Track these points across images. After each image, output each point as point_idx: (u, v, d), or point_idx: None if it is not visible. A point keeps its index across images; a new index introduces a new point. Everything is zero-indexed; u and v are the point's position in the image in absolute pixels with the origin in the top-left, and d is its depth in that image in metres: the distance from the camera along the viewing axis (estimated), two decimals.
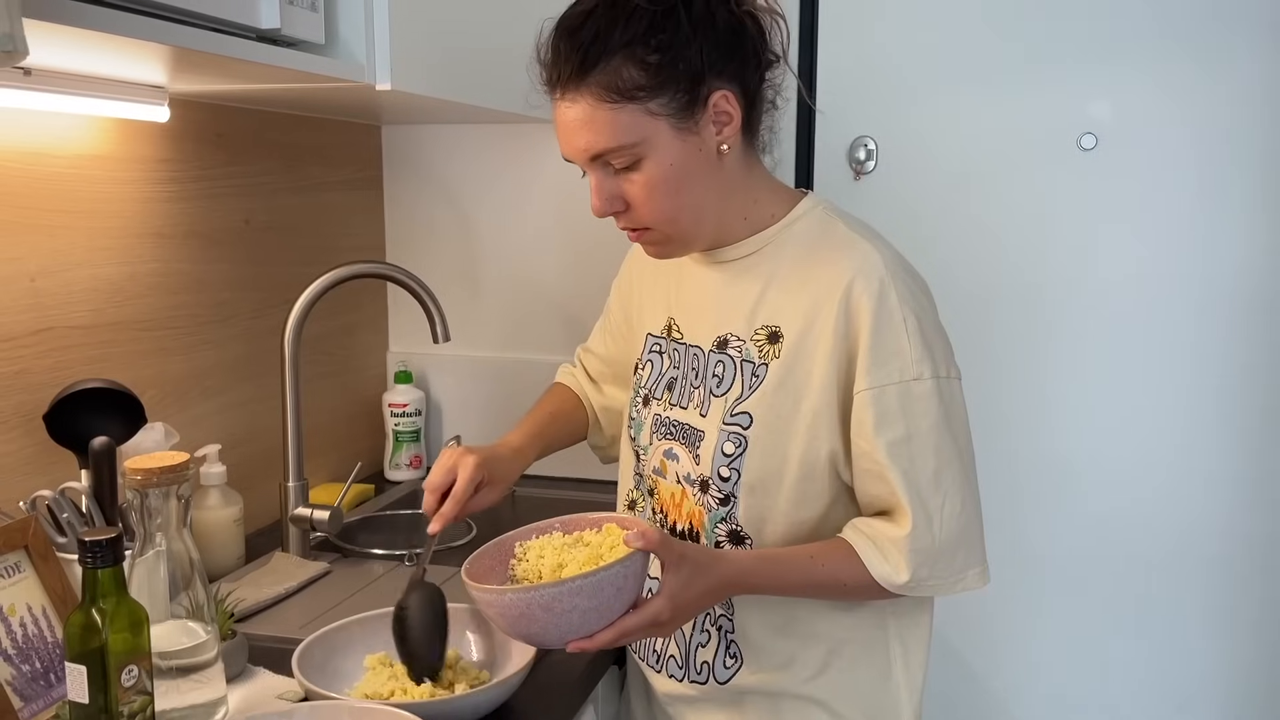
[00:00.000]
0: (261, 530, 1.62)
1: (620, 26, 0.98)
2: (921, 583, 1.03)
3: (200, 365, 1.54)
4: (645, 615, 0.97)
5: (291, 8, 1.11)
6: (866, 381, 1.02)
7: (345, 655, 1.13)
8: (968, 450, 1.07)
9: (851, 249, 1.06)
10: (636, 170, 1.01)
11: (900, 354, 1.02)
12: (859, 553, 1.04)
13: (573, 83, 0.99)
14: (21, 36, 0.71)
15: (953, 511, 1.04)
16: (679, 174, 1.02)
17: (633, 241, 1.11)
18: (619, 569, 0.94)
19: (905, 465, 1.02)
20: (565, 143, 1.04)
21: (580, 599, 0.93)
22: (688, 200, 1.04)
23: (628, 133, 0.99)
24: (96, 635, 0.87)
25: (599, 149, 1.00)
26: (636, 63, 0.98)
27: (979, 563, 1.07)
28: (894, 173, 1.94)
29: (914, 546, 1.02)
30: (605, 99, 0.98)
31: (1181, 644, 1.89)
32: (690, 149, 1.02)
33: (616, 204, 1.04)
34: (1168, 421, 1.85)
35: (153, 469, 0.96)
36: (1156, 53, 1.78)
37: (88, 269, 1.33)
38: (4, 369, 1.21)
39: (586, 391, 1.37)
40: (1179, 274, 1.82)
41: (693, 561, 1.00)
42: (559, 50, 1.01)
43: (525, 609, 0.94)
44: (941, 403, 1.03)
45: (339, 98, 1.48)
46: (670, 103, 0.99)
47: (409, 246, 2.03)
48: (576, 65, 0.99)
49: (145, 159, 1.42)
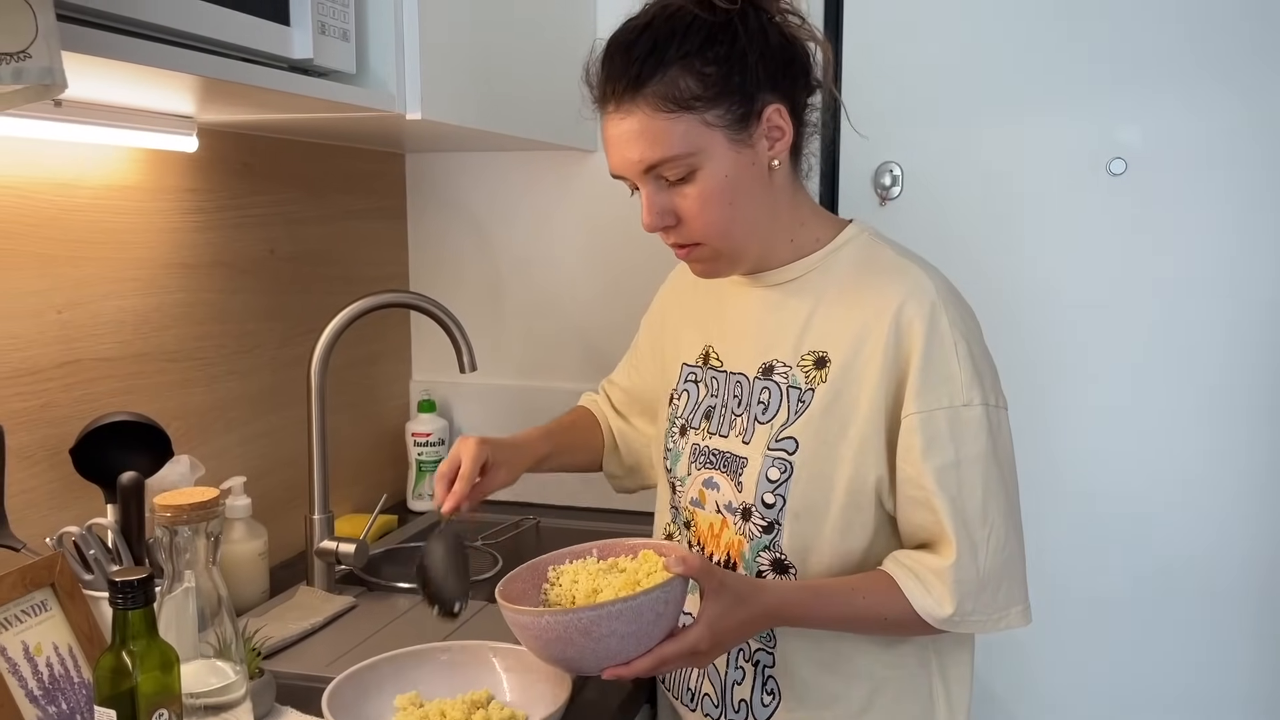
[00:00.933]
0: (286, 562, 1.61)
1: (678, 38, 0.98)
2: (966, 617, 1.01)
3: (225, 396, 1.52)
4: (685, 643, 0.95)
5: (324, 38, 1.11)
6: (916, 405, 1.01)
7: (376, 694, 1.10)
8: (1013, 483, 1.05)
9: (902, 274, 1.06)
10: (690, 183, 1.01)
11: (951, 379, 1.01)
12: (900, 585, 1.01)
13: (628, 94, 0.99)
14: (60, 70, 0.71)
15: (998, 544, 1.01)
16: (733, 186, 1.01)
17: (681, 259, 1.10)
18: (659, 594, 0.92)
19: (953, 492, 1.00)
20: (618, 156, 1.03)
21: (619, 624, 0.91)
22: (740, 214, 1.03)
23: (684, 142, 0.99)
24: (127, 678, 0.85)
25: (654, 159, 1.00)
26: (694, 73, 0.98)
27: (1021, 600, 1.05)
28: (920, 198, 1.92)
29: (958, 577, 1.00)
30: (662, 109, 0.98)
31: (1217, 667, 1.86)
32: (744, 162, 1.01)
33: (668, 218, 1.03)
34: (1200, 445, 1.83)
35: (183, 505, 0.94)
36: (1185, 77, 1.77)
37: (114, 300, 1.32)
38: (30, 402, 1.20)
39: (608, 417, 1.36)
40: (1209, 299, 1.80)
41: (733, 590, 0.98)
42: (614, 63, 1.01)
43: (563, 632, 0.92)
44: (990, 431, 1.02)
45: (366, 127, 1.48)
46: (726, 114, 0.99)
47: (433, 275, 2.02)
48: (633, 77, 0.98)
49: (172, 189, 1.41)
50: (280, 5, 1.05)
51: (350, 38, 1.17)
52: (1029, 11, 1.82)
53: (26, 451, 1.19)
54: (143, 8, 0.87)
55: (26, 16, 0.69)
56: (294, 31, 1.07)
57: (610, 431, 1.35)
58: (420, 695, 1.11)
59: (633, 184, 1.05)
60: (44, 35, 0.69)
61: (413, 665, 1.14)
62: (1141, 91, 1.79)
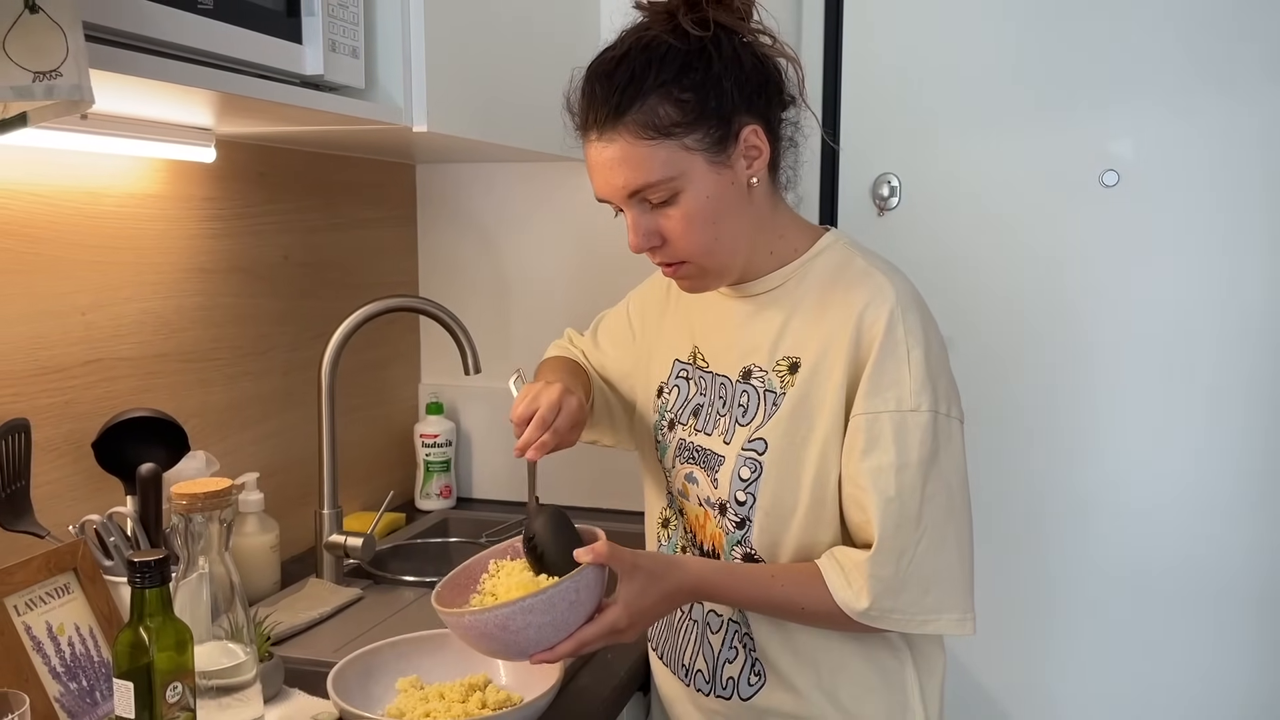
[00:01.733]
0: (297, 556, 1.67)
1: (655, 68, 1.03)
2: (885, 614, 1.04)
3: (240, 396, 1.59)
4: (603, 624, 1.01)
5: (334, 55, 1.17)
6: (863, 406, 1.05)
7: (378, 677, 1.16)
8: (960, 492, 1.07)
9: (867, 280, 1.09)
10: (673, 205, 1.05)
11: (900, 383, 1.04)
12: (824, 575, 1.05)
13: (609, 123, 1.03)
14: (89, 87, 0.77)
15: (930, 549, 1.04)
16: (715, 206, 1.06)
17: (668, 276, 1.14)
18: (569, 585, 0.98)
19: (889, 494, 1.03)
20: (602, 182, 1.07)
21: (533, 616, 0.97)
22: (723, 232, 1.07)
23: (665, 168, 1.03)
24: (144, 653, 0.90)
25: (637, 185, 1.04)
26: (671, 100, 1.02)
27: (958, 609, 1.06)
28: (917, 209, 1.96)
29: (874, 572, 1.03)
30: (643, 136, 1.03)
31: (1211, 677, 1.88)
32: (724, 182, 1.06)
33: (654, 239, 1.08)
34: (1196, 450, 1.86)
35: (198, 494, 1.00)
36: (1178, 89, 1.81)
37: (136, 303, 1.38)
38: (55, 399, 1.26)
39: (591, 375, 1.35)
40: (1203, 309, 1.83)
41: (646, 570, 1.03)
42: (594, 93, 1.05)
43: (484, 629, 0.99)
44: (936, 439, 1.04)
45: (377, 139, 1.54)
46: (705, 138, 1.03)
47: (442, 281, 2.08)
48: (614, 106, 1.03)
49: (191, 197, 1.48)
50: (293, 25, 1.11)
51: (360, 54, 1.23)
52: (1024, 25, 1.87)
53: (51, 445, 1.26)
54: (165, 28, 0.93)
55: (58, 38, 0.75)
56: (306, 49, 1.13)
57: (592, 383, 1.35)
58: (421, 679, 1.17)
59: (617, 207, 1.10)
60: (74, 55, 0.76)
61: (414, 650, 1.20)
62: (1133, 104, 1.83)
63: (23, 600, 1.05)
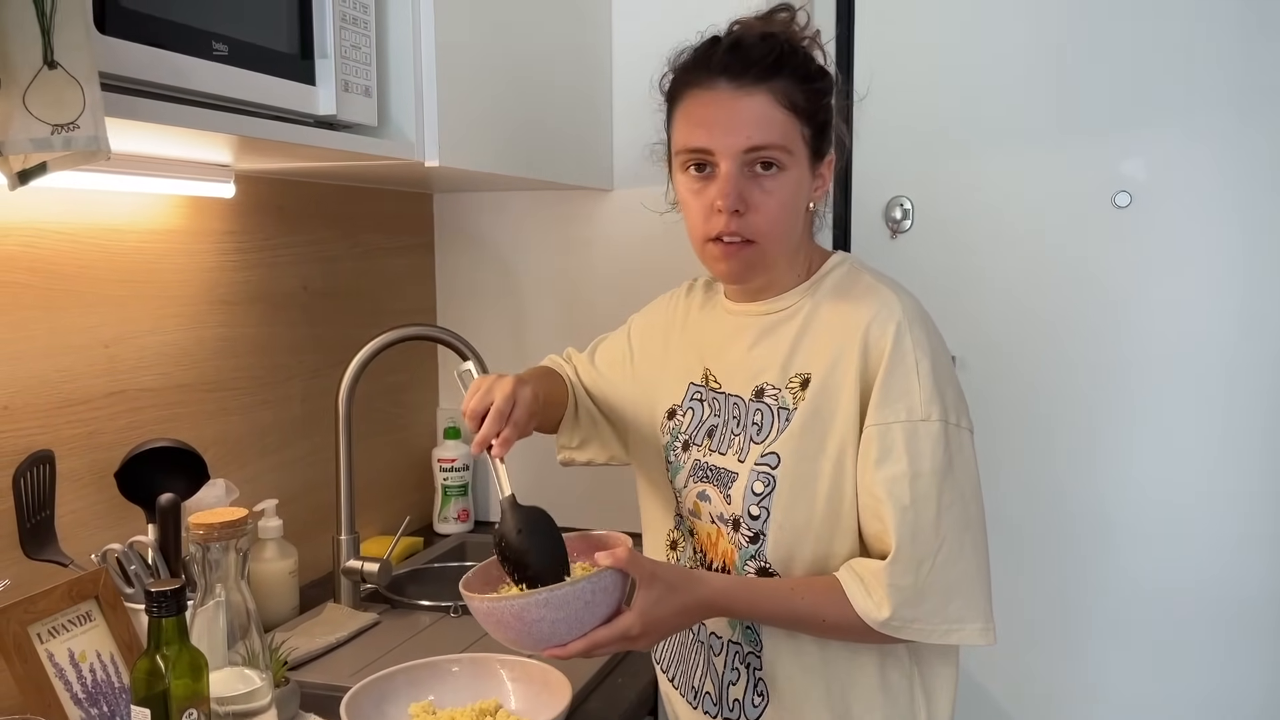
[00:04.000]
0: (315, 582, 1.69)
1: (799, 58, 1.11)
2: (906, 624, 1.05)
3: (259, 424, 1.62)
4: (616, 629, 1.02)
5: (347, 95, 1.20)
6: (875, 418, 1.07)
7: (392, 703, 1.18)
8: (974, 502, 1.09)
9: (874, 295, 1.13)
10: (774, 178, 1.10)
11: (909, 394, 1.06)
12: (844, 587, 1.06)
13: (756, 77, 1.08)
14: (105, 138, 0.80)
15: (949, 558, 1.05)
16: (797, 200, 1.12)
17: (726, 255, 1.12)
18: (586, 585, 1.00)
19: (904, 503, 1.04)
20: (721, 130, 1.08)
21: (548, 610, 0.99)
22: (792, 227, 1.14)
23: (789, 138, 1.09)
24: (160, 680, 0.93)
25: (761, 141, 1.08)
26: (804, 91, 1.10)
27: (979, 619, 1.07)
28: (930, 232, 1.98)
29: (893, 581, 1.04)
30: (782, 102, 1.09)
31: (1229, 693, 1.87)
32: (807, 187, 1.13)
33: (741, 204, 1.09)
34: (1209, 472, 1.86)
35: (214, 524, 1.02)
36: (1189, 110, 1.82)
37: (158, 335, 1.42)
38: (79, 429, 1.30)
39: (574, 389, 1.35)
40: (1216, 328, 1.84)
41: (665, 581, 1.05)
42: (739, 50, 1.10)
43: (501, 616, 1.01)
44: (948, 449, 1.06)
45: (392, 171, 1.58)
46: (813, 139, 1.12)
47: (459, 307, 2.11)
48: (770, 64, 1.08)
49: (212, 232, 1.51)
50: (306, 67, 1.15)
51: (372, 93, 1.26)
52: (1035, 49, 1.88)
53: (75, 475, 1.29)
54: (183, 75, 0.97)
55: (75, 91, 0.79)
56: (319, 90, 1.17)
57: (574, 402, 1.34)
58: (434, 704, 1.19)
59: (704, 160, 1.10)
60: (90, 107, 0.79)
61: (426, 675, 1.22)
62: (1145, 126, 1.84)
63: (46, 628, 1.08)
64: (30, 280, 1.23)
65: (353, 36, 1.21)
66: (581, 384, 1.37)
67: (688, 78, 1.13)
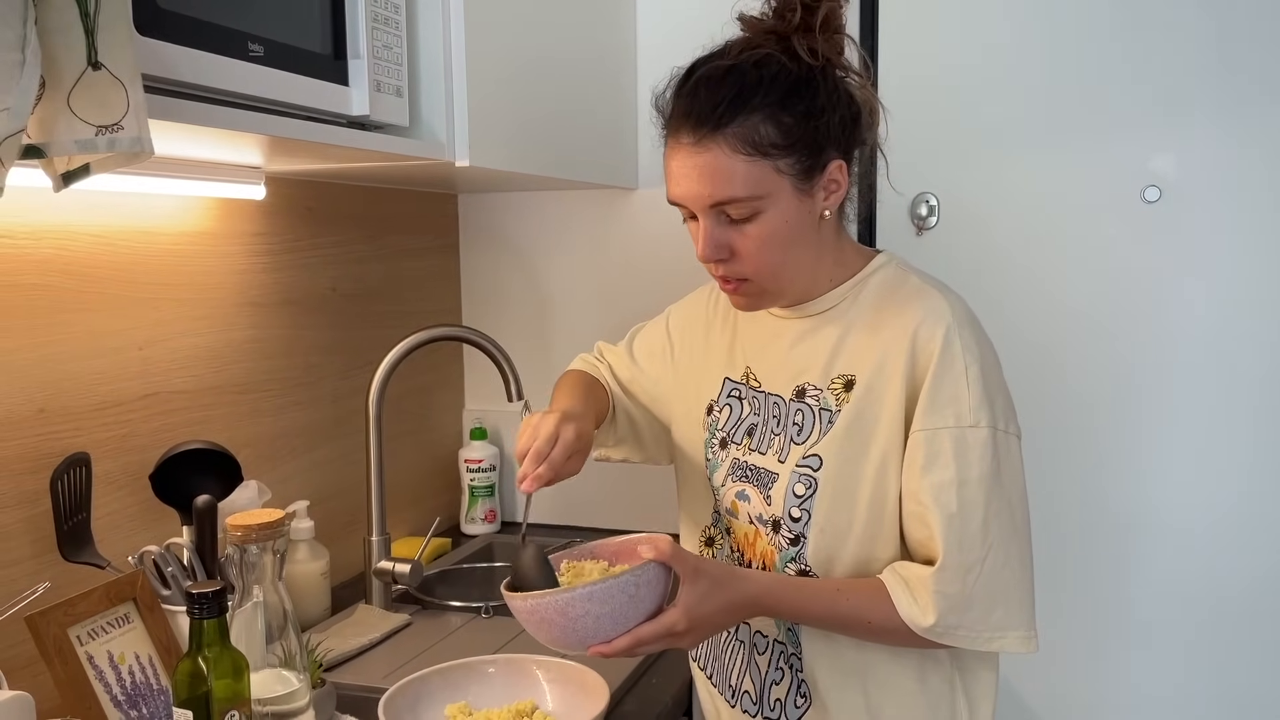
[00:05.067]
0: (346, 583, 1.69)
1: (765, 86, 1.04)
2: (950, 630, 1.04)
3: (290, 425, 1.62)
4: (661, 625, 1.00)
5: (379, 95, 1.20)
6: (922, 423, 1.05)
7: (428, 704, 1.18)
8: (1020, 509, 1.08)
9: (922, 297, 1.11)
10: (752, 223, 1.06)
11: (958, 399, 1.05)
12: (890, 591, 1.05)
13: (709, 130, 1.04)
14: (148, 139, 0.80)
15: (995, 565, 1.04)
16: (790, 231, 1.07)
17: (726, 292, 1.14)
18: (629, 577, 0.98)
19: (951, 510, 1.03)
20: (685, 187, 1.07)
21: (592, 605, 0.97)
22: (791, 257, 1.09)
23: (755, 186, 1.04)
24: (202, 682, 0.93)
25: (723, 197, 1.05)
26: (775, 122, 1.03)
27: (1023, 626, 1.06)
28: (956, 228, 1.96)
29: (940, 588, 1.03)
30: (740, 150, 1.03)
31: (1263, 695, 1.85)
32: (804, 210, 1.07)
33: (723, 252, 1.08)
34: (1243, 471, 1.83)
35: (252, 525, 1.02)
36: (1219, 104, 1.79)
37: (190, 338, 1.42)
38: (114, 432, 1.30)
39: (610, 388, 1.35)
40: (1247, 325, 1.81)
41: (710, 576, 1.03)
42: (698, 97, 1.05)
43: (544, 614, 0.99)
44: (996, 455, 1.05)
45: (420, 172, 1.58)
46: (796, 164, 1.05)
47: (484, 308, 2.11)
48: (719, 116, 1.03)
49: (243, 233, 1.52)
50: (339, 68, 1.15)
51: (403, 94, 1.26)
52: (1062, 42, 1.86)
53: (111, 477, 1.30)
54: (219, 77, 0.97)
55: (119, 93, 0.79)
56: (352, 91, 1.17)
57: (611, 402, 1.34)
58: (469, 705, 1.18)
59: (689, 213, 1.10)
60: (134, 109, 0.79)
61: (462, 677, 1.22)
62: (1174, 120, 1.82)
63: (85, 630, 1.08)
64: (65, 283, 1.23)
65: (384, 37, 1.21)
66: (617, 380, 1.36)
67: (662, 122, 1.11)
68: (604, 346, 1.42)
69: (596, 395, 1.31)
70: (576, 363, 1.42)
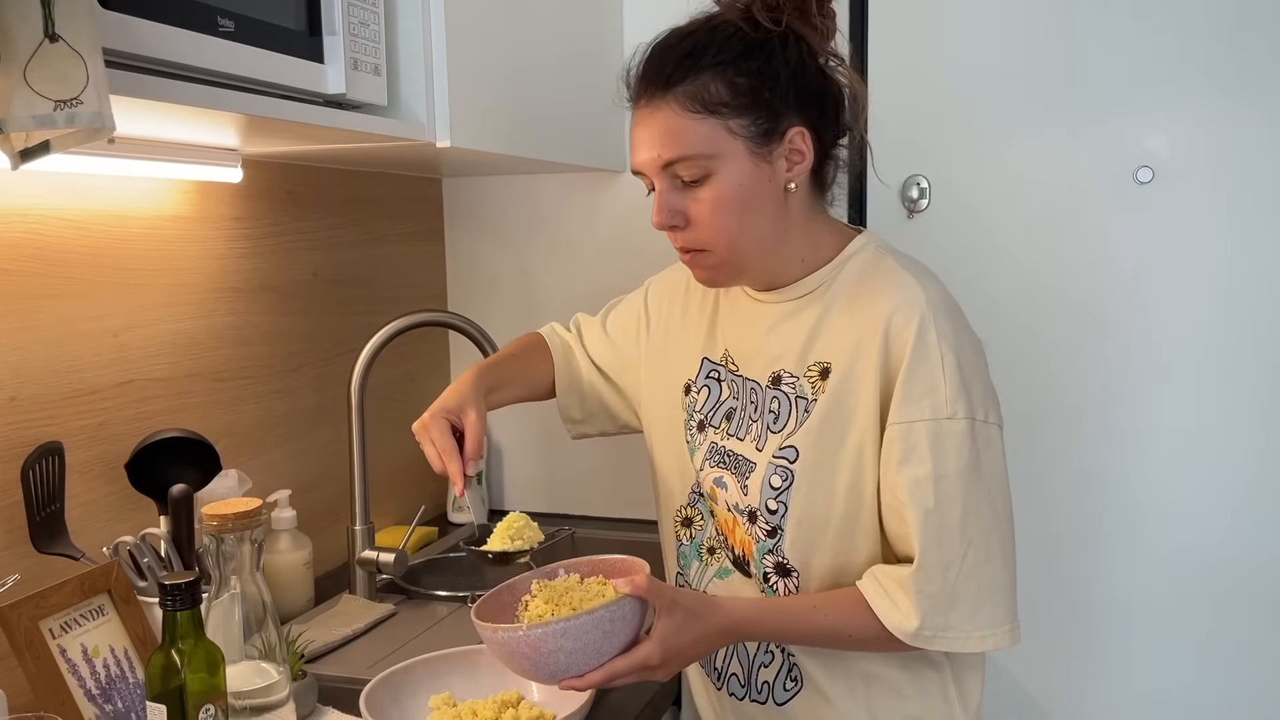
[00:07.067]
0: (330, 573, 1.67)
1: (716, 46, 1.03)
2: (937, 632, 1.01)
3: (271, 413, 1.59)
4: (635, 658, 0.99)
5: (356, 73, 1.17)
6: (898, 416, 1.03)
7: (411, 695, 1.16)
8: (1001, 501, 1.05)
9: (898, 283, 1.07)
10: (704, 186, 1.04)
11: (934, 390, 1.02)
12: (869, 600, 1.03)
13: (659, 91, 1.04)
14: (109, 114, 0.77)
15: (976, 561, 1.02)
16: (745, 196, 1.04)
17: (685, 264, 1.12)
18: (604, 613, 0.97)
19: (928, 505, 1.01)
20: (639, 149, 1.07)
21: (565, 640, 0.96)
22: (749, 225, 1.06)
23: (704, 144, 1.02)
24: (176, 675, 0.91)
25: (672, 155, 1.03)
26: (725, 81, 1.02)
27: (1007, 621, 1.04)
28: (947, 210, 1.94)
29: (921, 589, 1.00)
30: (689, 108, 1.02)
31: (1263, 680, 1.84)
32: (761, 176, 1.04)
33: (677, 219, 1.06)
34: (1234, 454, 1.82)
35: (228, 515, 1.00)
36: (1212, 84, 1.77)
37: (167, 324, 1.39)
38: (88, 420, 1.27)
39: (572, 356, 1.34)
40: (1240, 306, 1.80)
41: (685, 608, 1.01)
42: (651, 62, 1.06)
43: (515, 647, 0.98)
44: (974, 447, 1.02)
45: (402, 154, 1.54)
46: (750, 125, 1.03)
47: (470, 293, 2.08)
48: (667, 75, 1.03)
49: (220, 218, 1.49)
50: (314, 44, 1.12)
51: (382, 72, 1.23)
52: (1054, 22, 1.84)
53: (85, 467, 1.27)
54: (187, 52, 0.94)
55: (78, 66, 0.76)
56: (328, 68, 1.14)
57: (575, 372, 1.33)
58: (454, 696, 1.16)
59: (650, 182, 1.08)
60: (94, 83, 0.76)
61: (446, 667, 1.20)
62: (1167, 99, 1.80)
63: (58, 623, 1.06)
64: (35, 268, 1.20)
65: (361, 13, 1.18)
66: (587, 353, 1.34)
67: (627, 95, 1.10)
68: (581, 318, 1.39)
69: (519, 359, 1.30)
70: (543, 329, 1.38)
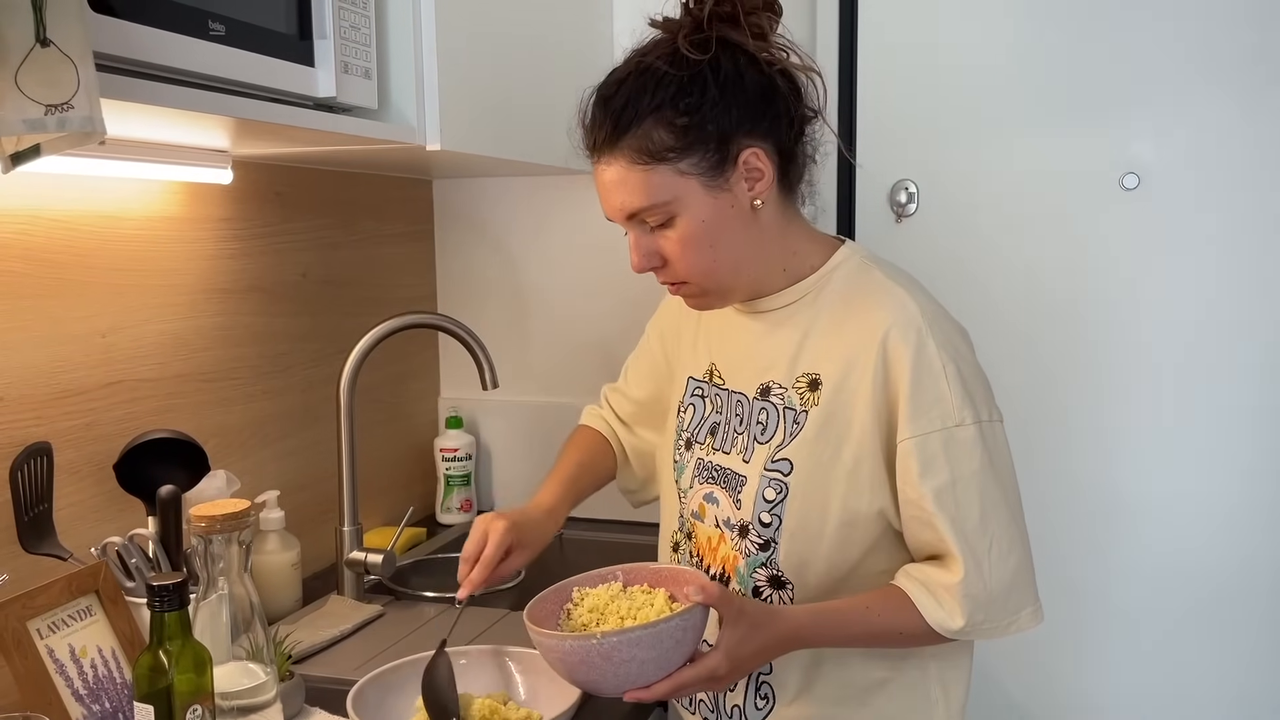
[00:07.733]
0: (318, 574, 1.67)
1: (649, 93, 1.04)
2: (977, 627, 1.04)
3: (260, 414, 1.60)
4: (702, 669, 0.99)
5: (347, 76, 1.18)
6: (910, 430, 1.04)
7: (398, 695, 1.16)
8: (1013, 491, 1.09)
9: (888, 297, 1.08)
10: (671, 227, 1.06)
11: (941, 401, 1.04)
12: (913, 600, 1.05)
13: (607, 146, 1.06)
14: (100, 118, 0.77)
15: (1001, 554, 1.05)
16: (712, 229, 1.06)
17: (672, 295, 1.15)
18: (678, 621, 0.96)
19: (952, 511, 1.03)
20: (604, 201, 1.10)
21: (639, 650, 0.95)
22: (723, 254, 1.07)
23: (660, 192, 1.04)
24: (163, 676, 0.91)
25: (633, 208, 1.06)
26: (666, 125, 1.03)
27: (1031, 602, 1.08)
28: (936, 215, 1.95)
29: (967, 593, 1.03)
30: (638, 161, 1.04)
31: (1248, 681, 1.86)
32: (722, 205, 1.06)
33: (654, 260, 1.09)
34: (1215, 456, 1.83)
35: (216, 516, 1.00)
36: (1198, 90, 1.79)
37: (156, 324, 1.39)
38: (77, 421, 1.27)
39: (617, 433, 1.38)
40: (1225, 311, 1.81)
41: (751, 617, 1.02)
42: (595, 117, 1.07)
43: (585, 656, 0.96)
44: (985, 448, 1.05)
45: (392, 156, 1.55)
46: (700, 162, 1.04)
47: (460, 295, 2.09)
48: (610, 130, 1.05)
49: (210, 219, 1.49)
50: (305, 48, 1.12)
51: (372, 75, 1.24)
52: (1041, 27, 1.85)
53: (73, 467, 1.27)
54: (178, 56, 0.94)
55: (69, 70, 0.76)
56: (318, 72, 1.14)
57: (621, 447, 1.37)
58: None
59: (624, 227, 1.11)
60: (85, 88, 0.76)
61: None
62: (1153, 106, 1.81)
63: (46, 623, 1.06)
64: (24, 269, 1.20)
65: (351, 17, 1.19)
66: (621, 421, 1.37)
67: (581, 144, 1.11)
68: (607, 390, 1.42)
69: (591, 469, 1.33)
70: (585, 416, 1.42)
